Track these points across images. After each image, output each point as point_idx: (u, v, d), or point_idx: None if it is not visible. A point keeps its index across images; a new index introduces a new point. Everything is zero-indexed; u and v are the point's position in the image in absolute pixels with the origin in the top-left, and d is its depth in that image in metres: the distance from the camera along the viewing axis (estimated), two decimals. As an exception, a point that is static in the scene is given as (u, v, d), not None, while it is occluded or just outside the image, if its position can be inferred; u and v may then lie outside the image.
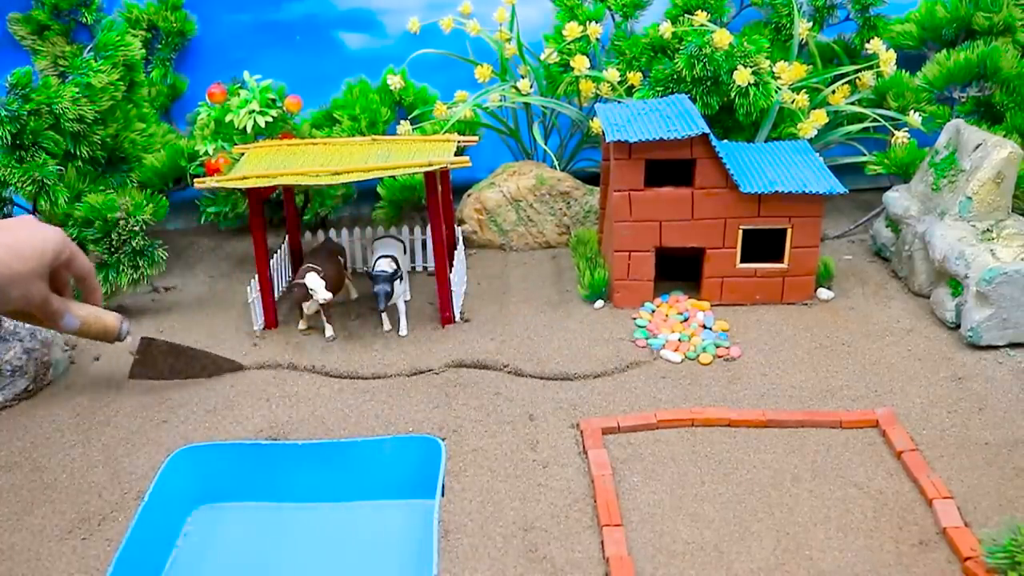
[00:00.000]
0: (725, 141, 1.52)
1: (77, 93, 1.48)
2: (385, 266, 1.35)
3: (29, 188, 1.43)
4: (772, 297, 1.43)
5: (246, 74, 1.52)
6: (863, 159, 1.68)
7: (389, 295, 1.33)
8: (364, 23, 1.84)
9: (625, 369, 1.27)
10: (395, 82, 1.77)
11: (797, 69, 1.60)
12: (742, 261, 1.40)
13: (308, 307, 1.38)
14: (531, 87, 1.72)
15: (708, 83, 1.53)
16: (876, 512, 0.97)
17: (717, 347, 1.30)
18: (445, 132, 1.65)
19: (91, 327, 0.99)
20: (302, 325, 1.41)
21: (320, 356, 1.33)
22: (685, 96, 1.47)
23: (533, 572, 0.90)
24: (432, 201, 1.35)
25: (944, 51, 1.69)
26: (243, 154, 1.42)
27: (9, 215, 1.48)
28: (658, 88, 1.58)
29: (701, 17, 1.67)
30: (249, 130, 1.47)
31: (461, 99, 1.75)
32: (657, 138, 1.31)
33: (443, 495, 0.99)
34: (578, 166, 1.88)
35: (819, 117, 1.58)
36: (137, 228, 1.44)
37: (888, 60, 1.65)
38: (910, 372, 1.24)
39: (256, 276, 1.39)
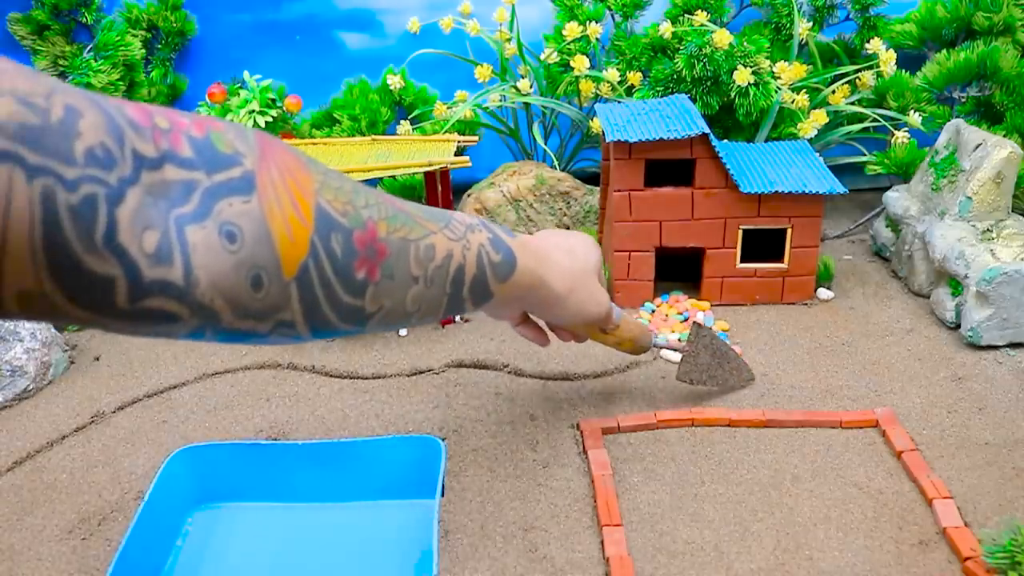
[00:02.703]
0: (725, 141, 1.52)
1: (77, 93, 1.48)
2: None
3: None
4: (772, 297, 1.43)
5: (246, 74, 1.52)
6: (863, 159, 1.68)
7: (389, 295, 1.33)
8: (364, 23, 1.84)
9: (625, 369, 1.27)
10: (395, 82, 1.77)
11: (797, 69, 1.61)
12: (742, 261, 1.40)
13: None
14: (531, 87, 1.72)
15: (708, 83, 1.53)
16: (876, 512, 0.97)
17: (717, 347, 1.30)
18: (445, 132, 1.65)
19: (630, 326, 0.98)
20: (302, 325, 1.41)
21: (320, 356, 1.33)
22: (685, 96, 1.47)
23: (533, 572, 0.90)
24: (432, 201, 1.35)
25: (944, 51, 1.69)
26: (243, 154, 1.42)
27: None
28: (658, 88, 1.58)
29: (701, 17, 1.67)
30: (249, 130, 1.47)
31: (461, 99, 1.75)
32: (657, 138, 1.31)
33: (443, 495, 0.99)
34: (578, 166, 1.88)
35: (819, 117, 1.58)
36: (137, 228, 1.44)
37: (888, 60, 1.65)
38: (910, 372, 1.24)
39: (256, 276, 1.39)
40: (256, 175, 0.50)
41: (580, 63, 1.67)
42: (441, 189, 1.42)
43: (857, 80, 1.71)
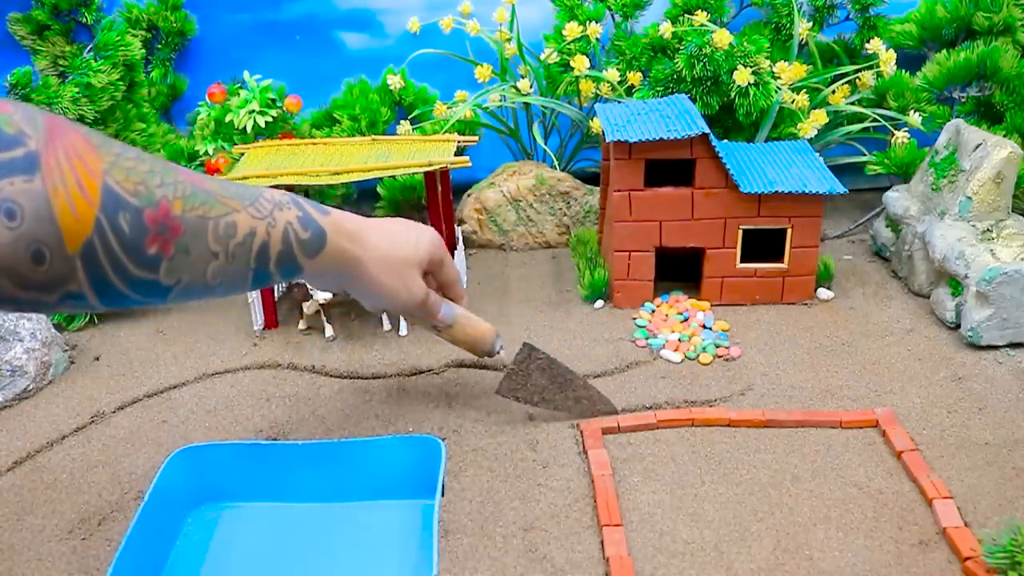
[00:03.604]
0: (725, 141, 1.52)
1: (77, 93, 1.48)
2: (385, 266, 1.35)
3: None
4: (772, 297, 1.43)
5: (246, 74, 1.52)
6: (863, 159, 1.68)
7: (389, 295, 1.33)
8: (364, 23, 1.84)
9: (625, 369, 1.27)
10: (395, 82, 1.77)
11: (797, 69, 1.61)
12: (742, 261, 1.40)
13: (308, 307, 1.38)
14: (531, 87, 1.72)
15: (708, 83, 1.53)
16: (876, 512, 0.97)
17: (717, 347, 1.30)
18: (445, 132, 1.65)
19: (465, 329, 0.98)
20: (302, 325, 1.41)
21: (320, 356, 1.33)
22: (685, 96, 1.47)
23: (533, 572, 0.90)
24: (432, 201, 1.35)
25: (944, 51, 1.69)
26: (243, 154, 1.42)
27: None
28: (658, 88, 1.58)
29: (701, 17, 1.67)
30: (249, 130, 1.47)
31: (461, 99, 1.75)
32: (657, 138, 1.31)
33: (443, 495, 0.99)
34: (578, 166, 1.88)
35: (819, 117, 1.58)
36: (137, 228, 1.44)
37: (888, 60, 1.65)
38: (910, 372, 1.24)
39: (256, 276, 1.39)
40: (40, 155, 0.53)
41: (580, 63, 1.67)
42: (441, 189, 1.42)
43: (857, 80, 1.71)
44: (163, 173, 0.61)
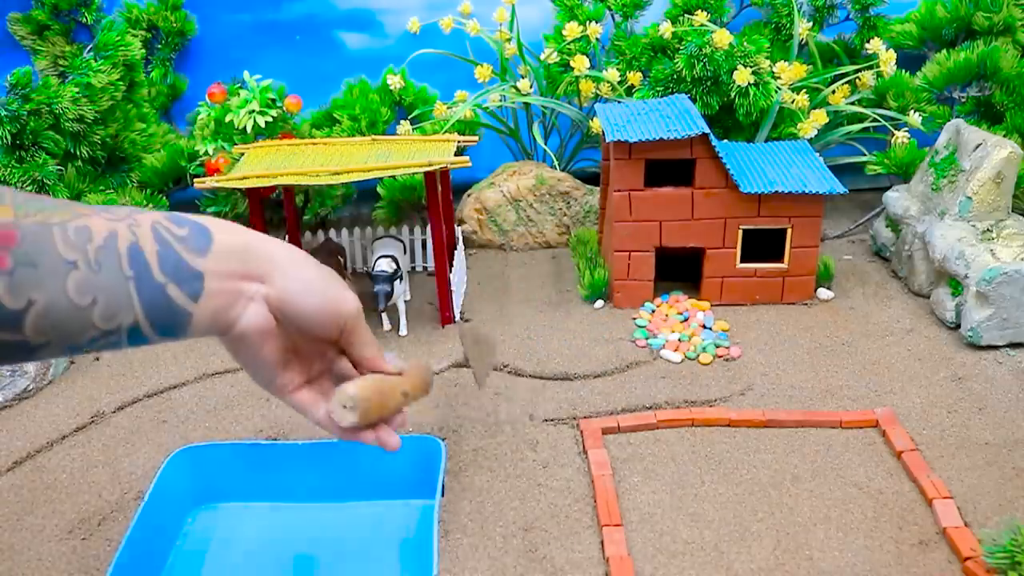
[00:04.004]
0: (725, 141, 1.52)
1: (77, 93, 1.48)
2: (385, 266, 1.35)
3: (29, 188, 1.43)
4: (772, 297, 1.43)
5: (246, 74, 1.52)
6: (863, 159, 1.68)
7: (389, 295, 1.33)
8: (364, 23, 1.84)
9: (625, 369, 1.27)
10: (395, 82, 1.77)
11: (797, 69, 1.61)
12: (742, 261, 1.40)
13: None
14: (531, 87, 1.72)
15: (708, 83, 1.53)
16: (876, 512, 0.97)
17: (717, 347, 1.30)
18: (445, 132, 1.65)
19: (418, 371, 0.75)
20: (302, 325, 1.41)
21: (320, 356, 1.33)
22: (685, 96, 1.47)
23: (533, 572, 0.90)
24: (432, 201, 1.35)
25: (944, 51, 1.69)
26: (243, 154, 1.42)
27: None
28: (658, 88, 1.58)
29: (701, 17, 1.67)
30: (249, 130, 1.47)
31: (461, 99, 1.75)
32: (657, 138, 1.31)
33: (443, 495, 0.99)
34: (578, 166, 1.88)
35: (819, 117, 1.58)
36: (137, 228, 1.44)
37: (888, 60, 1.65)
38: (910, 372, 1.24)
39: (256, 276, 1.39)
40: None
41: (580, 63, 1.67)
42: (441, 189, 1.42)
43: (857, 80, 1.71)
44: None
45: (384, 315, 1.41)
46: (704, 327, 1.36)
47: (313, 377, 0.71)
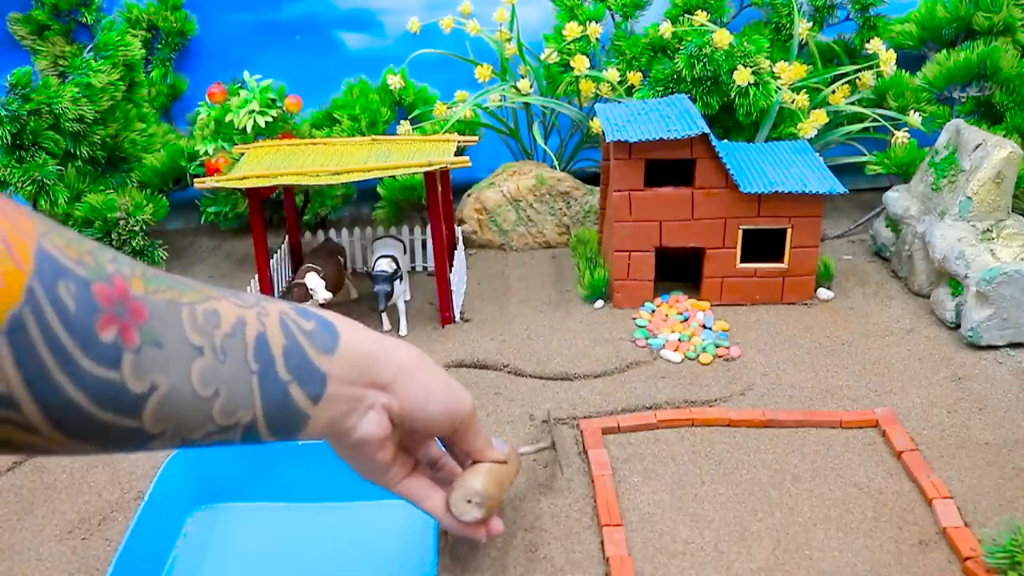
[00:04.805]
0: (725, 141, 1.52)
1: (77, 93, 1.48)
2: (385, 266, 1.35)
3: (29, 188, 1.43)
4: (772, 297, 1.43)
5: (246, 74, 1.52)
6: (863, 159, 1.68)
7: (389, 295, 1.33)
8: (364, 23, 1.84)
9: (625, 369, 1.27)
10: (395, 82, 1.77)
11: (797, 69, 1.61)
12: (742, 261, 1.40)
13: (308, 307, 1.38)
14: (531, 87, 1.72)
15: (708, 83, 1.53)
16: (876, 512, 0.97)
17: (717, 347, 1.30)
18: (445, 132, 1.65)
19: (515, 463, 0.75)
20: (302, 325, 1.41)
21: (320, 356, 1.33)
22: (685, 96, 1.47)
23: (533, 572, 0.90)
24: (432, 201, 1.35)
25: (944, 51, 1.69)
26: (243, 154, 1.42)
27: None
28: (658, 88, 1.58)
29: (701, 17, 1.67)
30: (249, 130, 1.48)
31: (461, 99, 1.75)
32: (657, 138, 1.31)
33: (443, 495, 0.99)
34: (578, 166, 1.88)
35: (819, 117, 1.58)
36: (137, 228, 1.44)
37: (888, 60, 1.65)
38: (910, 372, 1.24)
39: (256, 276, 1.39)
40: None
41: (580, 63, 1.67)
42: (441, 189, 1.42)
43: (857, 80, 1.71)
44: (114, 252, 0.47)
45: (384, 315, 1.41)
46: (704, 327, 1.36)
47: (416, 465, 0.71)
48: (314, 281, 1.32)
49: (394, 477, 0.69)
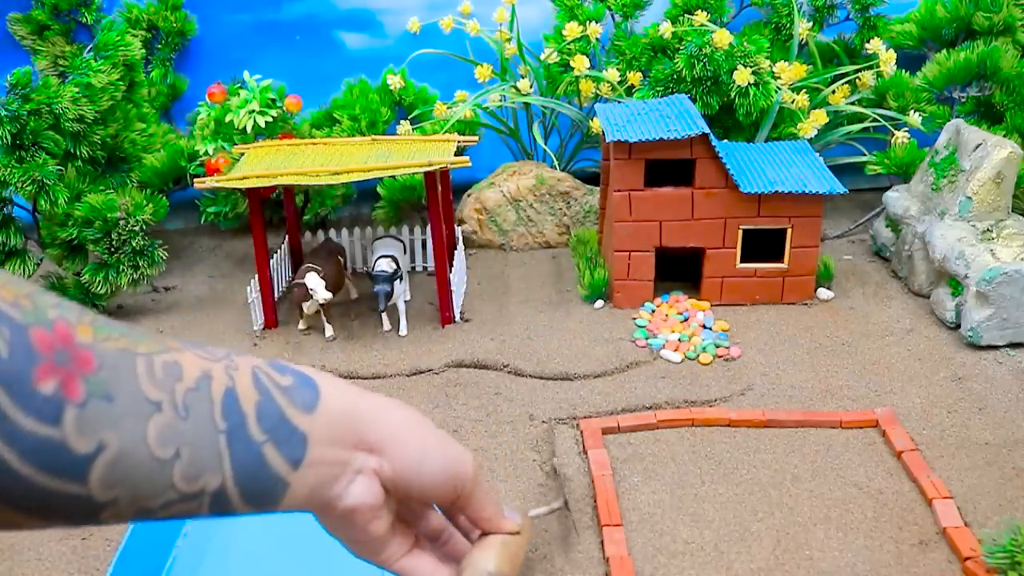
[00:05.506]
0: (725, 141, 1.52)
1: (77, 93, 1.48)
2: (385, 266, 1.35)
3: (29, 188, 1.43)
4: (772, 297, 1.43)
5: (246, 74, 1.52)
6: (863, 159, 1.68)
7: (389, 295, 1.33)
8: (364, 23, 1.84)
9: (625, 369, 1.27)
10: (395, 82, 1.77)
11: (797, 69, 1.60)
12: (742, 261, 1.40)
13: (308, 307, 1.38)
14: (531, 87, 1.72)
15: (708, 83, 1.53)
16: (876, 512, 0.97)
17: (717, 347, 1.30)
18: (445, 132, 1.65)
19: (528, 532, 0.74)
20: (302, 325, 1.41)
21: (320, 356, 1.33)
22: (685, 96, 1.47)
23: (533, 572, 0.90)
24: (432, 201, 1.35)
25: (944, 51, 1.69)
26: (243, 154, 1.42)
27: (9, 215, 1.48)
28: (658, 88, 1.58)
29: (701, 17, 1.67)
30: (249, 130, 1.47)
31: (461, 99, 1.75)
32: (657, 138, 1.31)
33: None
34: (578, 166, 1.88)
35: (819, 117, 1.58)
36: (137, 228, 1.44)
37: (888, 60, 1.65)
38: (910, 372, 1.24)
39: (256, 276, 1.39)
40: None
41: (580, 63, 1.67)
42: (441, 189, 1.42)
43: (857, 80, 1.71)
44: (59, 298, 0.42)
45: (384, 315, 1.41)
46: (704, 327, 1.36)
47: (417, 540, 0.64)
48: (314, 281, 1.32)
49: (393, 554, 0.61)
